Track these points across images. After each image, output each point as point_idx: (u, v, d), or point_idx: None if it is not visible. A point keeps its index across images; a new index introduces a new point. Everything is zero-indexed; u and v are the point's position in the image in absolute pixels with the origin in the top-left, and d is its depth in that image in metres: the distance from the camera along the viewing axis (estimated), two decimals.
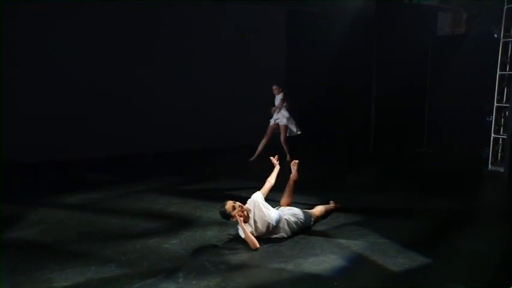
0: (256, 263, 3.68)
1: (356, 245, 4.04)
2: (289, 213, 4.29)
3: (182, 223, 4.62)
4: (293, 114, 7.73)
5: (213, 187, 6.06)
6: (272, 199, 4.51)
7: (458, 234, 4.43)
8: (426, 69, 8.96)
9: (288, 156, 7.33)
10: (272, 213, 4.12)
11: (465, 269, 3.60)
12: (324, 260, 3.73)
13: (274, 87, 7.81)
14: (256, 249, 3.83)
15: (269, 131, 7.70)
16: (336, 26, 8.90)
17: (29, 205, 5.14)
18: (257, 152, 7.59)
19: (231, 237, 4.15)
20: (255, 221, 4.02)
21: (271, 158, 4.64)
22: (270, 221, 4.05)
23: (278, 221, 4.10)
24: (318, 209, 4.68)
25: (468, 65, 8.00)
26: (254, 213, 4.04)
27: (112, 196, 5.60)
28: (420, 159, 8.35)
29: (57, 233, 4.34)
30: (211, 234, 4.27)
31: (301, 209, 4.47)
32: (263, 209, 4.09)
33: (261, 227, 4.03)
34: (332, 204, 4.95)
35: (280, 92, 7.77)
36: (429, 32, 8.82)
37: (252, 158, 7.58)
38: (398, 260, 3.72)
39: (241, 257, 3.76)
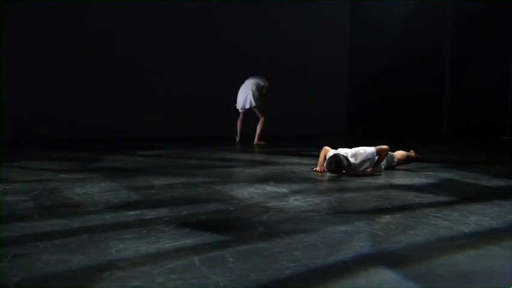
0: (344, 178, 4.09)
1: (444, 175, 4.37)
2: None
3: (260, 162, 5.15)
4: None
5: (283, 149, 6.51)
6: None
7: None
8: (510, 49, 9.08)
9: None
10: (367, 149, 4.46)
11: None
12: (412, 179, 4.09)
13: None
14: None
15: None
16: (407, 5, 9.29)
17: (103, 154, 5.77)
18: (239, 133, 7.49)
19: (311, 168, 4.57)
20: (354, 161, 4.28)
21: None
22: (369, 157, 4.33)
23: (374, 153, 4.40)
24: (400, 153, 5.04)
25: None
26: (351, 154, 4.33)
27: (182, 152, 6.18)
28: (504, 144, 8.42)
29: (141, 165, 4.95)
30: (291, 167, 4.72)
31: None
32: (359, 149, 4.46)
33: (359, 163, 4.28)
34: (413, 153, 5.28)
35: None
36: None
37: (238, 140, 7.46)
38: (492, 182, 4.02)
39: (326, 176, 4.18)
